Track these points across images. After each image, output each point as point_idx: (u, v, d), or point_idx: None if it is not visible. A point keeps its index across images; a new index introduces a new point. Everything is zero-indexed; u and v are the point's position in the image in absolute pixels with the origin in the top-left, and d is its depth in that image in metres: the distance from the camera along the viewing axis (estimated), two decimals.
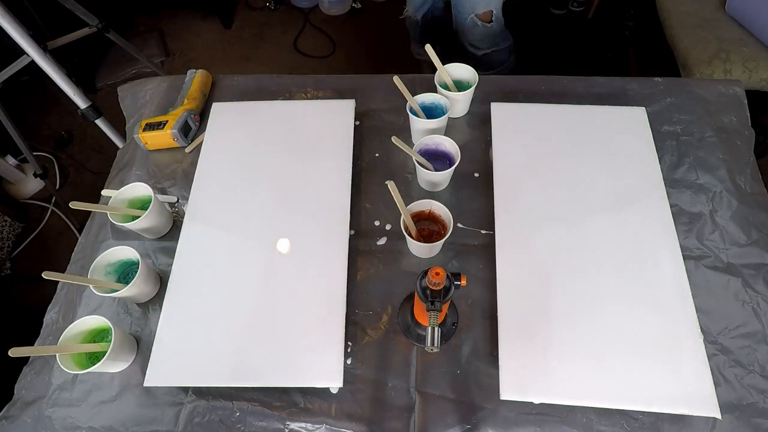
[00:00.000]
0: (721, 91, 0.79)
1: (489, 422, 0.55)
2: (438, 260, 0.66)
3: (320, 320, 0.60)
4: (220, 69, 0.83)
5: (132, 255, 0.63)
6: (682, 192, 0.70)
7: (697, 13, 1.33)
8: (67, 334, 0.57)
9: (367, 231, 0.69)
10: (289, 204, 0.69)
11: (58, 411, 0.59)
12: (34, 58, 1.07)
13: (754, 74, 1.21)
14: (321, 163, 0.73)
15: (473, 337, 0.60)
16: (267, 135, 0.77)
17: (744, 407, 0.55)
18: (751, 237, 0.66)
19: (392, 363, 0.60)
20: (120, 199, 0.68)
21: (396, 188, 0.58)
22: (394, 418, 0.57)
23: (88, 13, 1.26)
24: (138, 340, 0.63)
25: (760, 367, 0.57)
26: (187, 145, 0.80)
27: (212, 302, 0.62)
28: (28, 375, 0.63)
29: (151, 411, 0.58)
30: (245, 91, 0.86)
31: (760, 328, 0.59)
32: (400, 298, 0.63)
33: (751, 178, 0.71)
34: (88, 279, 0.60)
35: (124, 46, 1.41)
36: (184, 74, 0.86)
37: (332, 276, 0.63)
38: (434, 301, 0.47)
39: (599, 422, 0.55)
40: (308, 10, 2.15)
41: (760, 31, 1.22)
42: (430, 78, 0.84)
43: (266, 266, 0.65)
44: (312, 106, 0.79)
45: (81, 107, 1.20)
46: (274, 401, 0.58)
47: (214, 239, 0.67)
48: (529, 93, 0.81)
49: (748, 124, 0.76)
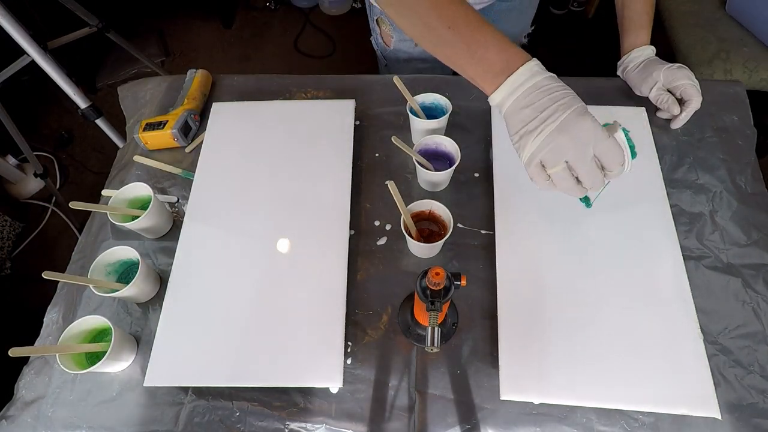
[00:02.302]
0: (721, 91, 0.79)
1: (489, 422, 0.55)
2: (438, 260, 0.66)
3: (320, 320, 0.60)
4: (220, 69, 0.83)
5: (132, 255, 0.63)
6: (682, 192, 0.70)
7: (697, 13, 1.33)
8: (67, 334, 0.57)
9: (367, 231, 0.69)
10: (289, 204, 0.70)
11: (58, 411, 0.59)
12: (34, 58, 1.07)
13: (755, 74, 1.21)
14: (321, 163, 0.73)
15: (473, 337, 0.60)
16: (267, 135, 0.77)
17: (744, 407, 0.55)
18: (752, 237, 0.66)
19: (392, 363, 0.60)
20: (120, 199, 0.68)
21: (396, 188, 0.58)
22: (394, 418, 0.57)
23: (89, 13, 1.27)
24: (138, 340, 0.63)
25: (760, 368, 0.57)
26: (187, 145, 0.80)
27: (212, 302, 0.62)
28: (28, 375, 0.63)
29: (151, 411, 0.58)
30: (245, 91, 0.86)
31: (760, 328, 0.59)
32: (400, 298, 0.63)
33: (751, 178, 0.71)
34: (88, 279, 0.60)
35: (125, 46, 1.41)
36: (184, 74, 0.86)
37: (332, 276, 0.63)
38: (434, 301, 0.47)
39: (599, 422, 0.55)
40: (308, 10, 2.16)
41: (761, 31, 1.22)
42: (430, 78, 0.84)
43: (266, 266, 0.65)
44: (312, 106, 0.79)
45: (81, 107, 1.20)
46: (274, 401, 0.58)
47: (214, 239, 0.67)
48: None
49: (750, 124, 0.76)
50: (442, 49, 0.51)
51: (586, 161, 0.48)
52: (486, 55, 0.48)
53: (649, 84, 0.73)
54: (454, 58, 0.50)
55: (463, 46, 0.48)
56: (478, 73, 0.50)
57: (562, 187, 0.50)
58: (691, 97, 0.70)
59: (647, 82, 0.73)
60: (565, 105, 0.47)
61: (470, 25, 0.48)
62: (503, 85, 0.48)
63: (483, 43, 0.48)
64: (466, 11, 0.48)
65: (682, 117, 0.73)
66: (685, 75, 0.71)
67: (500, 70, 0.48)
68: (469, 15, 0.48)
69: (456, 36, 0.48)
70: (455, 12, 0.48)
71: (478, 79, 0.50)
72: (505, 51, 0.48)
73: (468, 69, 0.50)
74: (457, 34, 0.48)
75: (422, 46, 0.53)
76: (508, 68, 0.48)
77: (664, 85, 0.72)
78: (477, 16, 0.49)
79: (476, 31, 0.48)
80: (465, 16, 0.48)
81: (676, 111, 0.72)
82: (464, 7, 0.49)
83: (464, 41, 0.48)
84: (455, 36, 0.48)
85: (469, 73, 0.50)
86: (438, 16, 0.48)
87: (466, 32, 0.48)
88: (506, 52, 0.48)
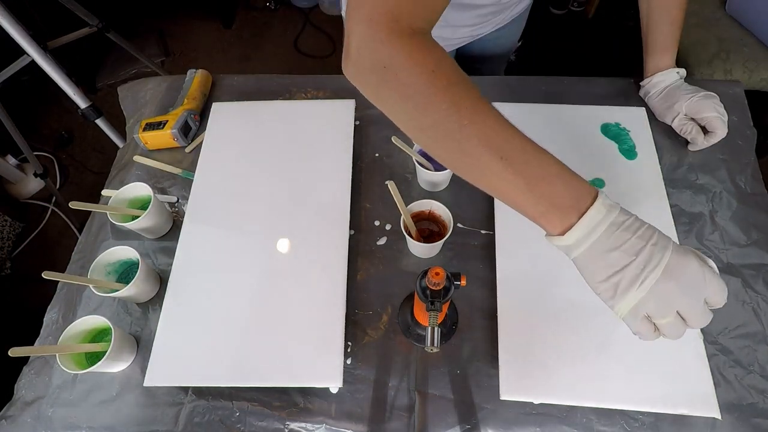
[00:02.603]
0: (721, 91, 0.79)
1: (489, 422, 0.55)
2: (438, 260, 0.66)
3: (320, 320, 0.60)
4: (220, 69, 0.84)
5: (132, 255, 0.63)
6: (682, 192, 0.70)
7: (697, 13, 1.33)
8: (67, 334, 0.57)
9: (367, 231, 0.69)
10: (289, 204, 0.69)
11: (58, 411, 0.59)
12: (34, 58, 1.07)
13: (755, 74, 1.21)
14: (321, 163, 0.73)
15: (473, 337, 0.60)
16: (267, 135, 0.77)
17: (744, 407, 0.55)
18: (751, 237, 0.66)
19: (392, 363, 0.60)
20: (120, 199, 0.68)
21: (396, 188, 0.58)
22: (394, 418, 0.57)
23: (89, 13, 1.27)
24: (138, 340, 0.63)
25: (760, 368, 0.57)
26: (187, 145, 0.80)
27: (212, 302, 0.62)
28: (28, 375, 0.63)
29: (151, 411, 0.58)
30: (245, 91, 0.86)
31: (760, 328, 0.59)
32: (400, 298, 0.63)
33: (751, 178, 0.71)
34: (88, 279, 0.60)
35: (125, 46, 1.41)
36: (184, 74, 0.86)
37: (332, 276, 0.63)
38: (434, 301, 0.47)
39: (599, 422, 0.55)
40: (308, 10, 2.16)
41: (761, 31, 1.22)
42: None
43: (266, 266, 0.65)
44: (312, 106, 0.79)
45: (81, 107, 1.20)
46: (274, 401, 0.58)
47: (214, 239, 0.67)
48: (529, 93, 0.81)
49: (749, 124, 0.76)
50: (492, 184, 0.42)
51: (698, 307, 0.40)
52: (550, 190, 0.40)
53: (671, 114, 0.71)
54: (508, 193, 0.42)
55: (521, 180, 0.40)
56: (540, 212, 0.41)
57: (672, 335, 0.42)
58: (716, 130, 0.68)
59: (670, 112, 0.71)
60: (660, 246, 0.40)
61: (526, 154, 0.40)
62: (578, 225, 0.40)
63: (544, 177, 0.40)
64: (521, 140, 0.41)
65: (703, 144, 0.70)
66: (711, 106, 0.67)
67: (569, 207, 0.40)
68: (525, 144, 0.41)
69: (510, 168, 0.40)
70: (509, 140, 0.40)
71: (540, 218, 0.42)
72: (571, 184, 0.40)
73: (528, 208, 0.42)
74: (511, 166, 0.40)
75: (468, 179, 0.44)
76: (578, 205, 0.40)
77: (687, 114, 0.70)
78: (534, 145, 0.41)
79: (535, 164, 0.40)
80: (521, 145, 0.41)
81: (700, 141, 0.70)
82: (518, 135, 0.41)
83: (521, 174, 0.40)
84: (508, 168, 0.40)
85: (529, 212, 0.42)
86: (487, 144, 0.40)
87: (522, 164, 0.40)
88: (573, 186, 0.40)
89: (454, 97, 0.40)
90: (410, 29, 0.41)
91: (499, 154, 0.40)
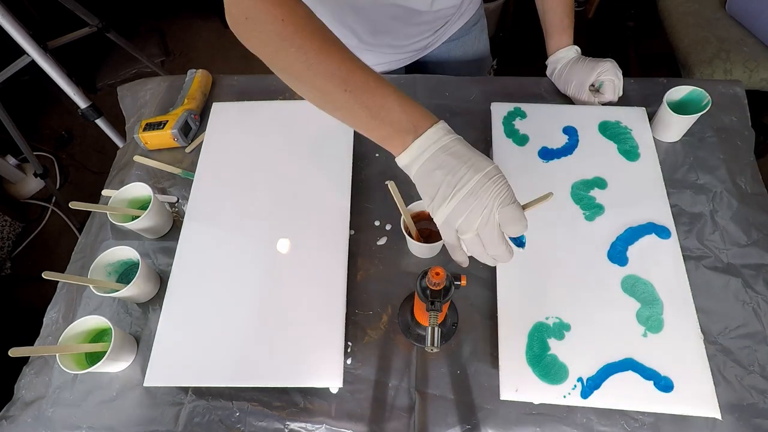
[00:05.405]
0: (721, 91, 0.79)
1: (489, 422, 0.55)
2: (438, 260, 0.66)
3: (320, 320, 0.60)
4: (220, 69, 0.84)
5: (132, 255, 0.63)
6: (682, 192, 0.70)
7: (697, 13, 1.33)
8: (67, 334, 0.57)
9: (367, 231, 0.69)
10: (289, 204, 0.69)
11: (58, 411, 0.59)
12: (34, 57, 1.07)
13: (755, 74, 1.20)
14: (321, 163, 0.73)
15: (473, 337, 0.60)
16: (267, 135, 0.77)
17: (744, 407, 0.55)
18: (752, 237, 0.66)
19: (392, 363, 0.60)
20: (120, 199, 0.68)
21: (396, 188, 0.58)
22: (394, 418, 0.57)
23: (89, 13, 1.27)
24: (138, 340, 0.63)
25: (760, 368, 0.57)
26: (187, 145, 0.80)
27: (212, 302, 0.62)
28: (28, 375, 0.63)
29: (151, 411, 0.58)
30: (245, 91, 0.86)
31: (760, 328, 0.59)
32: (400, 298, 0.63)
33: (751, 179, 0.71)
34: (88, 279, 0.60)
35: (125, 46, 1.41)
36: (184, 74, 0.86)
37: (332, 276, 0.63)
38: (434, 301, 0.47)
39: (599, 422, 0.55)
40: None
41: (760, 31, 1.22)
42: (429, 78, 0.84)
43: (266, 266, 0.65)
44: (312, 106, 0.79)
45: (81, 107, 1.20)
46: (274, 401, 0.58)
47: (214, 239, 0.67)
48: (529, 93, 0.81)
49: (748, 125, 0.76)
50: (342, 114, 0.48)
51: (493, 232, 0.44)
52: (391, 117, 0.45)
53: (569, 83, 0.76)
54: (357, 121, 0.48)
55: (365, 109, 0.45)
56: (383, 136, 0.47)
57: (473, 252, 0.47)
58: (605, 92, 0.74)
59: (569, 83, 0.76)
60: (474, 169, 0.44)
61: (368, 85, 0.45)
62: (412, 146, 0.45)
63: (384, 105, 0.45)
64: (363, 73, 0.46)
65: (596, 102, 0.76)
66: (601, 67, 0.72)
67: (407, 131, 0.45)
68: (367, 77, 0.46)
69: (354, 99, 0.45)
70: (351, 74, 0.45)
71: (384, 141, 0.47)
72: (409, 112, 0.46)
73: (373, 132, 0.47)
74: (355, 97, 0.45)
75: (324, 111, 0.50)
76: (415, 130, 0.45)
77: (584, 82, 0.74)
78: (376, 77, 0.46)
79: (376, 93, 0.45)
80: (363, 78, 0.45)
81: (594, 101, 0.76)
82: (360, 70, 0.46)
83: (364, 104, 0.45)
84: (352, 99, 0.45)
85: (375, 136, 0.48)
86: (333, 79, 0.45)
87: (364, 94, 0.45)
88: (411, 114, 0.45)
89: (302, 41, 0.45)
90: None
91: (344, 87, 0.45)
